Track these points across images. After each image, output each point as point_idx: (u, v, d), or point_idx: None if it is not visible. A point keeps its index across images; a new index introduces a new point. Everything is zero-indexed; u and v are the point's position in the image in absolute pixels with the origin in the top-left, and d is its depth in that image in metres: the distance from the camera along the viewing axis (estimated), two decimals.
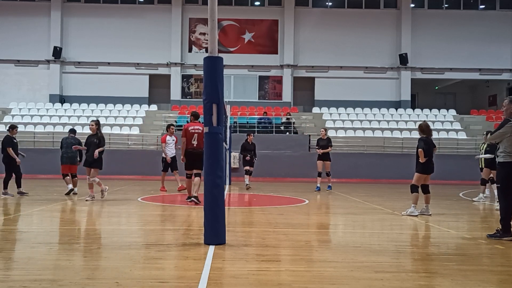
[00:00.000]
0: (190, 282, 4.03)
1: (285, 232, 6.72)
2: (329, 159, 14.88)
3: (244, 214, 9.00)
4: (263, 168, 20.89)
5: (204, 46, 28.89)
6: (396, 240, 6.39)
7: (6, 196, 11.23)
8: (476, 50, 28.80)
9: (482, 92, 31.37)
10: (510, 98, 6.63)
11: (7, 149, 11.46)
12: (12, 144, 11.58)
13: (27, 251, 5.41)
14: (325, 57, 28.70)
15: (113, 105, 27.14)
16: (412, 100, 29.88)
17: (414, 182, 8.94)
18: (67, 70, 28.55)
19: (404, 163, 19.82)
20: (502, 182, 6.45)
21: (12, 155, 11.44)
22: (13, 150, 11.52)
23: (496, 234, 6.42)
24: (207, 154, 5.70)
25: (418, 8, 29.39)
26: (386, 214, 9.26)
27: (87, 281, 4.00)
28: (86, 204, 10.12)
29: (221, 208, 5.65)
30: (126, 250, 5.32)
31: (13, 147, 11.57)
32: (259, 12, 29.20)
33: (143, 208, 9.91)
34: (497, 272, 4.72)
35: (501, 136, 6.50)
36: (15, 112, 25.95)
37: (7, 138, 11.61)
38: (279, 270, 4.56)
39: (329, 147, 14.79)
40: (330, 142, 14.98)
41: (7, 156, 11.49)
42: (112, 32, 28.42)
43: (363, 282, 4.13)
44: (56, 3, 28.29)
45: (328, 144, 14.82)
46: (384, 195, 13.89)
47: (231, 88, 28.33)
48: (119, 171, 20.41)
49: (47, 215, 8.56)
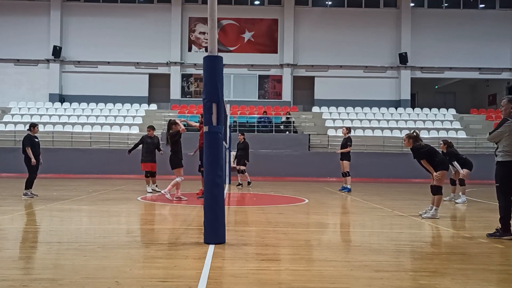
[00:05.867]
0: (190, 281, 4.03)
1: (285, 231, 6.72)
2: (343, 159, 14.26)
3: (244, 213, 9.00)
4: (263, 167, 20.91)
5: (204, 45, 28.88)
6: (396, 239, 6.39)
7: (27, 197, 10.95)
8: (476, 49, 28.81)
9: (482, 91, 31.38)
10: (509, 97, 6.63)
11: (26, 149, 11.04)
12: (32, 143, 11.13)
13: (27, 250, 5.41)
14: (325, 56, 28.71)
15: (113, 105, 27.14)
16: (412, 99, 29.89)
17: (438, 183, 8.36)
18: (66, 69, 28.54)
19: (404, 163, 19.83)
20: (501, 181, 6.45)
21: (30, 155, 11.00)
22: (33, 150, 11.08)
23: (496, 233, 6.42)
24: (207, 153, 5.69)
25: (418, 7, 29.39)
26: (386, 213, 9.26)
27: (87, 281, 4.00)
28: (86, 204, 10.11)
29: (221, 207, 5.65)
30: (126, 249, 5.32)
31: (33, 146, 11.12)
32: (259, 11, 29.20)
33: (143, 207, 9.91)
34: (496, 271, 4.72)
35: (500, 136, 6.50)
36: (14, 111, 25.94)
37: (27, 138, 11.18)
38: (279, 269, 4.56)
39: (347, 147, 14.11)
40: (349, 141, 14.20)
41: (27, 157, 11.08)
42: (112, 32, 28.41)
43: (363, 281, 4.13)
44: (56, 3, 28.27)
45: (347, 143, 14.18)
46: (384, 194, 13.89)
47: (231, 88, 28.33)
48: (119, 170, 20.41)
49: (47, 214, 8.55)
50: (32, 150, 11.09)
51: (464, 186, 11.72)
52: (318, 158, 21.91)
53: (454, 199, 11.76)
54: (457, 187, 11.82)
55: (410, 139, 8.54)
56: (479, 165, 13.76)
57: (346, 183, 14.45)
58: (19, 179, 15.76)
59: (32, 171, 11.27)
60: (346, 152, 14.23)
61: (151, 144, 13.06)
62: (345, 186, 14.41)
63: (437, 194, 8.39)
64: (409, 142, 8.54)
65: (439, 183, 8.40)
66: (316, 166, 21.51)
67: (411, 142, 8.52)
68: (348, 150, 14.20)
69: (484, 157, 18.14)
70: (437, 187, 8.39)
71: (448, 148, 11.49)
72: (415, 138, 8.53)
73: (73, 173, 20.86)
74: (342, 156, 14.32)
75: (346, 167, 14.31)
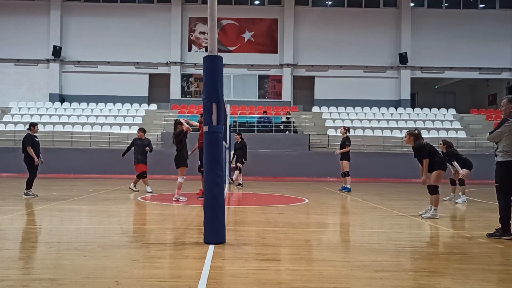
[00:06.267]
0: (190, 281, 4.03)
1: (284, 231, 6.72)
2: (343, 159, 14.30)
3: (244, 213, 9.00)
4: (263, 167, 20.92)
5: (203, 45, 28.88)
6: (396, 239, 6.39)
7: (28, 196, 10.98)
8: (476, 49, 28.81)
9: (482, 91, 31.38)
10: (509, 97, 6.63)
11: (27, 148, 11.08)
12: (32, 142, 11.18)
13: (27, 250, 5.41)
14: (325, 56, 28.71)
15: (113, 104, 27.13)
16: (412, 99, 29.88)
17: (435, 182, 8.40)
18: (66, 69, 28.54)
19: (404, 163, 19.85)
20: (501, 181, 6.45)
21: (32, 154, 11.05)
22: (34, 149, 11.12)
23: (496, 233, 6.43)
24: (207, 153, 5.69)
25: (418, 7, 29.39)
26: (386, 213, 9.26)
27: (87, 280, 4.01)
28: (86, 203, 10.11)
29: (221, 207, 5.65)
30: (125, 249, 5.33)
31: (33, 145, 11.18)
32: (259, 11, 29.19)
33: (143, 207, 9.91)
34: (496, 271, 4.72)
35: (500, 136, 6.50)
36: (14, 111, 25.93)
37: (28, 137, 11.23)
38: (279, 269, 4.56)
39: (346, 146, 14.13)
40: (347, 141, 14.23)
41: (28, 156, 11.11)
42: (112, 31, 28.41)
43: (363, 281, 4.13)
44: (56, 2, 28.26)
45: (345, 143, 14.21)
46: (384, 194, 13.89)
47: (230, 87, 28.33)
48: (119, 170, 20.39)
49: (47, 214, 8.56)
50: (32, 150, 11.13)
51: (464, 186, 11.73)
52: (318, 158, 21.91)
53: (454, 199, 11.75)
54: (457, 187, 11.82)
55: (411, 136, 8.58)
56: (479, 165, 13.77)
57: (345, 183, 14.47)
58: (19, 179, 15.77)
59: (33, 170, 11.28)
60: (346, 152, 14.25)
61: (141, 145, 13.42)
62: (345, 186, 14.42)
63: (434, 193, 8.41)
64: (410, 139, 8.58)
65: (436, 182, 8.43)
66: (316, 166, 21.51)
67: (412, 139, 8.55)
68: (347, 150, 14.20)
69: (484, 157, 18.15)
70: (434, 187, 8.43)
71: (448, 148, 11.49)
72: (416, 136, 8.55)
73: (73, 173, 20.86)
74: (342, 156, 14.33)
75: (346, 167, 14.34)
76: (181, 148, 10.76)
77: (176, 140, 10.79)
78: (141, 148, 13.35)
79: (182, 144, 10.80)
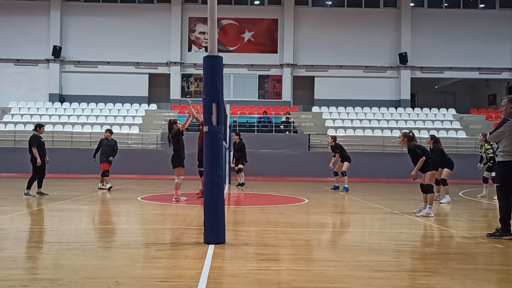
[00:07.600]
0: (190, 281, 4.03)
1: (284, 231, 6.72)
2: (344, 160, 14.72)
3: (243, 213, 9.01)
4: (263, 167, 20.91)
5: (203, 45, 28.88)
6: (396, 239, 6.39)
7: (28, 196, 11.00)
8: (475, 49, 28.80)
9: (482, 91, 31.37)
10: (509, 97, 6.63)
11: (32, 149, 11.18)
12: (38, 143, 11.30)
13: (27, 250, 5.41)
14: (324, 56, 28.70)
15: (113, 104, 27.13)
16: (412, 99, 29.87)
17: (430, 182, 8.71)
18: (66, 69, 28.53)
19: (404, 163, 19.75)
20: (501, 181, 6.45)
21: (35, 155, 11.15)
22: (39, 149, 11.27)
23: (496, 233, 6.42)
24: (207, 153, 5.69)
25: (418, 7, 29.39)
26: (386, 213, 9.27)
27: (86, 280, 4.00)
28: (86, 203, 10.11)
29: (221, 207, 5.65)
30: (125, 249, 5.32)
31: (39, 146, 11.30)
32: (259, 11, 29.19)
33: (143, 207, 9.91)
34: (496, 271, 4.72)
35: (500, 136, 6.50)
36: (14, 111, 25.93)
37: (34, 137, 11.33)
38: (278, 269, 4.56)
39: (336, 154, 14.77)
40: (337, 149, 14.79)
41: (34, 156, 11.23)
42: (112, 31, 28.40)
43: (363, 281, 4.13)
44: (56, 2, 28.26)
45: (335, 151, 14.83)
46: (384, 194, 13.90)
47: (230, 87, 28.32)
48: (119, 170, 20.37)
49: (47, 214, 8.56)
50: (38, 151, 11.27)
51: (447, 186, 11.60)
52: (318, 158, 21.89)
53: (438, 199, 11.68)
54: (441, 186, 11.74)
55: (405, 137, 8.94)
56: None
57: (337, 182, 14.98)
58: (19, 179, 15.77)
59: (36, 171, 11.36)
60: (346, 155, 14.60)
61: (107, 146, 14.05)
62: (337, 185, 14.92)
63: (429, 192, 8.67)
64: (404, 140, 8.93)
65: (430, 182, 8.73)
66: (316, 166, 21.48)
67: (405, 141, 8.91)
68: (336, 158, 14.75)
69: None
70: (429, 186, 8.69)
71: (435, 143, 11.52)
72: (410, 138, 8.89)
73: (73, 173, 20.86)
74: (342, 158, 14.63)
75: (346, 167, 14.54)
76: (178, 148, 10.72)
77: (173, 140, 10.74)
78: (108, 148, 13.95)
79: (180, 144, 10.76)
